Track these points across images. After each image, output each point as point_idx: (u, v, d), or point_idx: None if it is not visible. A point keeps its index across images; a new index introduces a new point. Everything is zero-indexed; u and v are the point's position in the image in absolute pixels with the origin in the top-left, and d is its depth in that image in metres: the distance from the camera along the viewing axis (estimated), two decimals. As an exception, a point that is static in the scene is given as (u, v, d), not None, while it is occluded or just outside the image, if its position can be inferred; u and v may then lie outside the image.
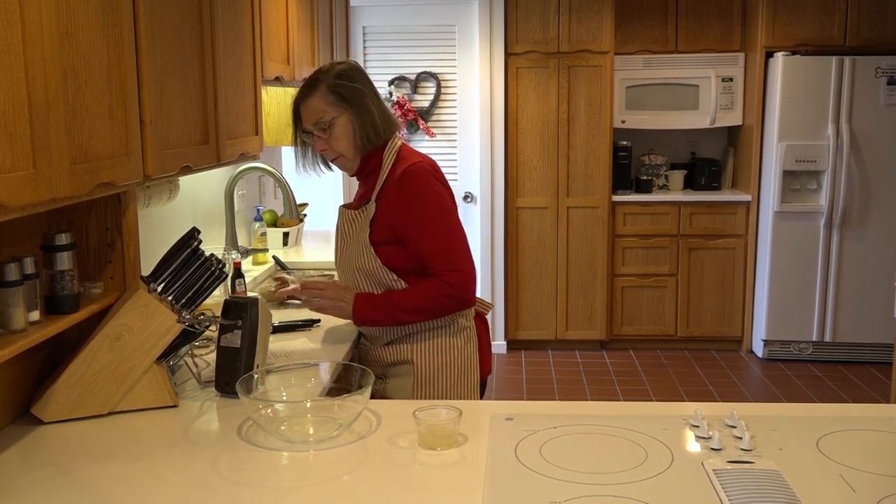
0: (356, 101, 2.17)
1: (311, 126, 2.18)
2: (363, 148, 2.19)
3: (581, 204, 5.44)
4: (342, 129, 2.16)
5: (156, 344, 1.79)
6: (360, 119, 2.17)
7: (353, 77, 2.18)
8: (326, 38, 3.66)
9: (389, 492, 1.43)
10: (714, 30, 5.40)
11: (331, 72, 2.18)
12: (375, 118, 2.18)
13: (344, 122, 2.16)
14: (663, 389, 4.87)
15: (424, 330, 2.23)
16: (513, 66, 5.35)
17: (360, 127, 2.17)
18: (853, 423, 1.70)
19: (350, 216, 2.27)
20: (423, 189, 2.15)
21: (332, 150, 2.20)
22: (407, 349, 2.24)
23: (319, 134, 2.18)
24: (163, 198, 2.51)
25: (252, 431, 1.69)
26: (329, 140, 2.18)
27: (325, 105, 2.15)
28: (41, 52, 1.30)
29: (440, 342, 2.23)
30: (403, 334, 2.23)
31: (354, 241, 2.22)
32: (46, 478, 1.49)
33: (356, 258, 2.20)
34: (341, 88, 2.15)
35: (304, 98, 2.18)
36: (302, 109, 2.20)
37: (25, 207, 1.28)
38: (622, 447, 1.59)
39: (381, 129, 2.20)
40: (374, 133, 2.18)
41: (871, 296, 5.17)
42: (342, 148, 2.19)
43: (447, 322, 2.23)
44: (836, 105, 5.01)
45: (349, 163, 2.23)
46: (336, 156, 2.22)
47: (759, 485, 1.40)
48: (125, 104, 1.60)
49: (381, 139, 2.20)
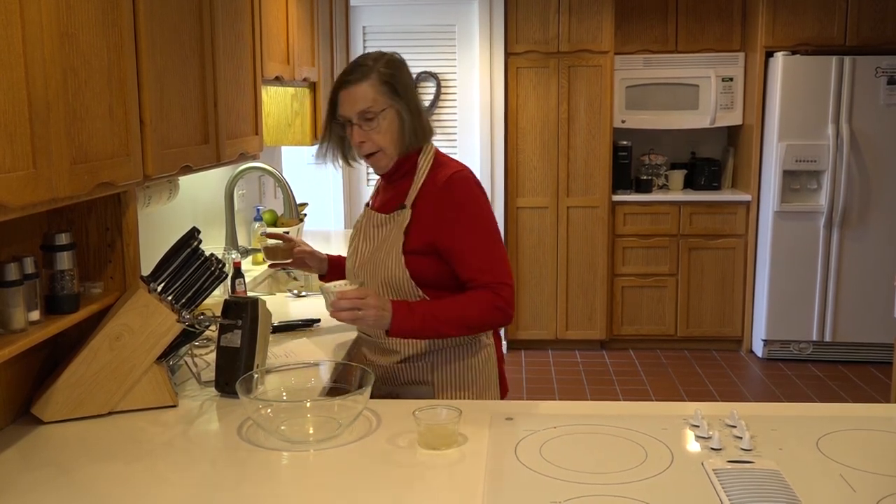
0: (408, 95, 2.03)
1: (354, 115, 2.00)
2: (405, 146, 2.04)
3: (581, 204, 5.44)
4: (389, 122, 2.01)
5: (156, 344, 1.79)
6: (410, 115, 2.02)
7: (402, 69, 2.05)
8: (326, 37, 3.66)
9: (389, 492, 1.43)
10: (714, 29, 5.40)
11: (381, 60, 2.02)
12: (423, 117, 2.07)
13: (392, 115, 2.01)
14: (663, 389, 4.87)
15: (446, 348, 2.06)
16: (513, 66, 5.35)
17: (409, 123, 2.02)
18: (853, 423, 1.70)
19: (378, 219, 2.09)
20: (471, 198, 2.01)
21: (372, 143, 2.02)
22: (426, 368, 2.07)
23: (362, 125, 2.01)
24: (163, 198, 2.51)
25: (252, 431, 1.69)
26: (371, 132, 2.01)
27: (376, 94, 1.98)
28: (41, 52, 1.29)
29: (462, 362, 2.07)
30: (422, 351, 2.06)
31: (383, 248, 2.04)
32: (46, 478, 1.49)
33: (383, 266, 2.02)
34: (394, 80, 2.01)
35: (350, 84, 2.00)
36: (344, 96, 2.01)
37: (25, 207, 1.28)
38: (622, 447, 1.59)
39: (426, 129, 2.08)
40: (420, 132, 2.05)
41: (871, 295, 5.17)
42: (384, 143, 2.02)
43: (470, 340, 2.08)
44: (836, 105, 5.01)
45: (385, 160, 2.06)
46: (375, 150, 2.04)
47: (759, 484, 1.40)
48: (125, 104, 1.60)
49: (422, 141, 2.07)
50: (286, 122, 3.44)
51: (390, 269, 2.01)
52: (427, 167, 2.05)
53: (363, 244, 2.11)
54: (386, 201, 2.11)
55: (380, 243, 2.06)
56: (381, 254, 2.04)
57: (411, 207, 2.02)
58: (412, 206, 2.02)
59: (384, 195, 2.14)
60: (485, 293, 1.95)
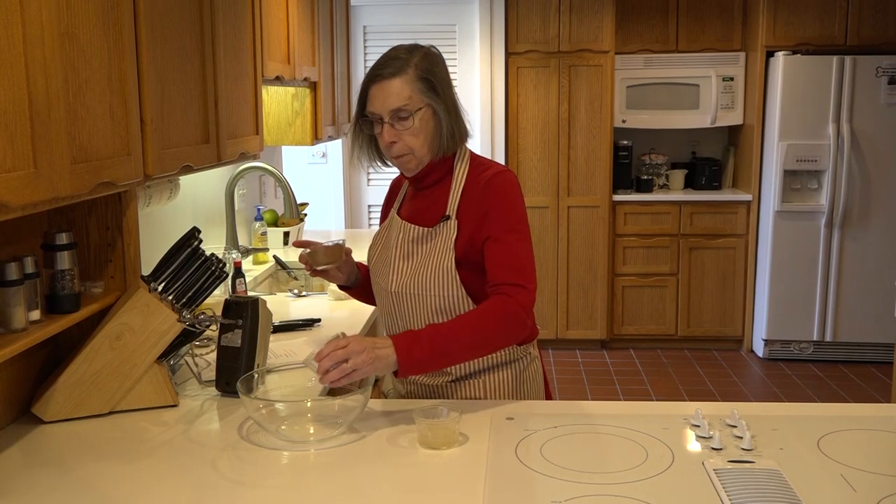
0: (446, 93, 1.87)
1: (385, 113, 1.83)
2: (440, 149, 1.88)
3: (581, 203, 5.44)
4: (424, 122, 1.84)
5: (156, 343, 1.79)
6: (448, 115, 1.87)
7: (441, 64, 1.90)
8: (327, 37, 3.66)
9: (390, 491, 1.43)
10: (715, 29, 5.40)
11: (417, 52, 1.87)
12: (461, 117, 1.91)
13: (428, 115, 1.85)
14: (664, 389, 4.87)
15: (498, 365, 1.91)
16: (513, 66, 5.35)
17: (446, 124, 1.86)
18: (854, 423, 1.70)
19: (418, 233, 1.90)
20: (507, 197, 1.85)
21: (403, 144, 1.85)
22: (478, 386, 1.91)
23: (394, 123, 1.84)
24: (163, 197, 2.51)
25: (252, 431, 1.69)
26: (403, 133, 1.84)
27: (412, 91, 1.82)
28: (42, 52, 1.29)
29: (516, 376, 1.93)
30: (477, 370, 1.91)
31: (428, 266, 1.87)
32: (47, 477, 1.49)
33: (432, 286, 1.85)
34: (432, 76, 1.85)
35: (383, 79, 1.83)
36: (376, 92, 1.84)
37: (26, 207, 1.28)
38: (623, 447, 1.58)
39: (463, 131, 1.91)
40: (458, 134, 1.89)
41: (871, 295, 5.17)
42: (417, 144, 1.85)
43: (522, 353, 1.94)
44: (836, 104, 5.01)
45: (415, 162, 1.89)
46: (405, 152, 1.87)
47: (759, 484, 1.40)
48: (126, 103, 1.60)
49: (458, 143, 1.91)
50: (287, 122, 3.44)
51: (441, 288, 1.84)
52: (465, 171, 1.90)
53: (401, 261, 1.91)
54: (422, 211, 1.93)
55: (423, 259, 1.88)
56: (427, 272, 1.86)
57: (455, 217, 1.87)
58: (456, 216, 1.87)
59: (418, 203, 1.96)
60: (495, 298, 1.78)
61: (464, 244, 1.85)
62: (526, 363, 1.96)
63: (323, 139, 3.53)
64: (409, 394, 1.98)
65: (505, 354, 1.91)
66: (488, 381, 1.91)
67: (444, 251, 1.85)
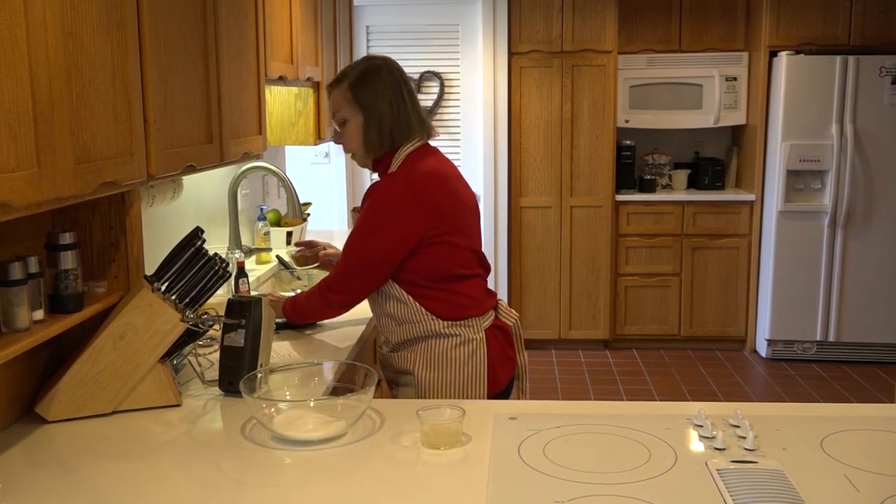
0: (369, 106, 2.17)
1: (333, 118, 2.24)
2: (371, 152, 2.21)
3: (584, 203, 5.44)
4: (352, 129, 2.19)
5: (159, 343, 1.80)
6: (368, 125, 2.17)
7: (376, 80, 2.18)
8: (330, 37, 3.66)
9: (393, 491, 1.43)
10: (718, 29, 5.39)
11: (357, 68, 2.21)
12: (385, 126, 2.18)
13: (354, 124, 2.19)
14: (667, 389, 4.86)
15: (424, 339, 2.16)
16: (516, 66, 5.35)
17: (366, 132, 2.18)
18: (857, 423, 1.69)
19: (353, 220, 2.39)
20: (375, 202, 2.15)
21: (345, 145, 2.25)
22: (409, 358, 2.19)
23: (337, 127, 2.23)
24: (166, 197, 2.51)
25: (255, 431, 1.69)
26: (343, 134, 2.23)
27: (343, 102, 2.19)
28: (45, 52, 1.30)
29: (439, 354, 2.16)
30: (403, 340, 2.19)
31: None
32: (50, 476, 1.49)
33: None
34: (358, 90, 2.17)
35: (330, 89, 2.23)
36: (330, 100, 2.26)
37: (29, 207, 1.28)
38: (625, 447, 1.58)
39: (393, 136, 2.19)
40: (379, 141, 2.18)
41: (875, 295, 5.16)
42: (353, 145, 2.23)
43: (449, 333, 2.15)
44: (839, 104, 5.01)
45: (360, 159, 2.27)
46: (349, 150, 2.26)
47: (762, 484, 1.40)
48: (129, 103, 1.60)
49: (388, 146, 2.20)
50: (290, 122, 3.44)
51: None
52: (396, 167, 2.18)
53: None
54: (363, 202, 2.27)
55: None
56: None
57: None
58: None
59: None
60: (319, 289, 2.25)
61: None
62: (458, 341, 2.15)
63: (326, 139, 3.53)
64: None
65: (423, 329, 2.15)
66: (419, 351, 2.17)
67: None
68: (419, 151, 2.20)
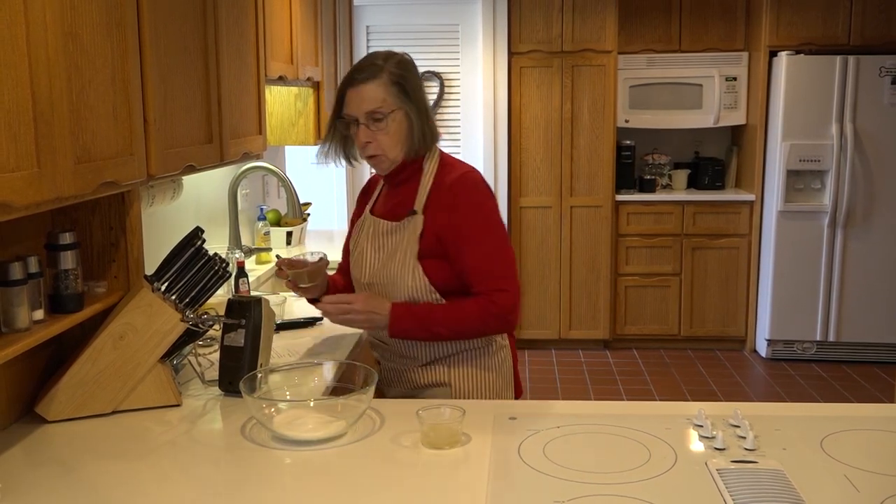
0: (417, 97, 1.99)
1: (361, 115, 1.95)
2: (411, 150, 2.00)
3: (584, 203, 5.44)
4: (397, 124, 1.96)
5: (159, 343, 1.80)
6: (419, 118, 1.98)
7: (413, 71, 2.01)
8: (330, 37, 3.66)
9: (393, 491, 1.43)
10: (718, 29, 5.39)
11: (391, 59, 1.98)
12: (431, 120, 2.02)
13: (400, 117, 1.96)
14: (667, 389, 4.86)
15: (463, 350, 2.04)
16: (516, 66, 5.35)
17: (417, 127, 1.98)
18: (857, 423, 1.69)
19: (387, 227, 2.04)
20: (476, 201, 1.98)
21: (377, 145, 1.98)
22: (444, 371, 2.04)
23: (369, 125, 1.96)
24: (166, 197, 2.51)
25: (255, 430, 1.69)
26: (378, 133, 1.96)
27: (385, 95, 1.94)
28: (45, 52, 1.30)
29: (479, 364, 2.04)
30: (442, 355, 2.04)
31: (396, 257, 2.00)
32: (50, 476, 1.49)
33: (399, 276, 1.98)
34: (404, 80, 1.96)
35: (359, 83, 1.95)
36: (352, 95, 1.96)
37: (29, 207, 1.28)
38: (625, 447, 1.58)
39: (433, 133, 2.03)
40: (428, 136, 2.01)
41: (875, 295, 5.16)
42: (389, 145, 1.98)
43: (486, 342, 2.05)
44: (839, 104, 5.01)
45: (388, 163, 2.01)
46: (378, 153, 1.99)
47: (762, 484, 1.40)
48: (129, 103, 1.60)
49: (429, 144, 2.03)
50: (290, 122, 3.44)
51: (406, 277, 1.97)
52: (433, 170, 2.02)
53: (373, 253, 2.06)
54: (392, 207, 2.06)
55: (391, 252, 2.01)
56: (394, 263, 1.99)
57: (423, 212, 1.98)
58: (423, 212, 1.98)
59: (390, 200, 2.09)
60: (480, 300, 1.93)
61: (430, 239, 1.97)
62: (492, 350, 2.06)
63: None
64: (383, 380, 2.10)
65: (468, 342, 2.03)
66: (452, 367, 2.03)
67: (409, 244, 1.98)
68: (445, 154, 2.08)
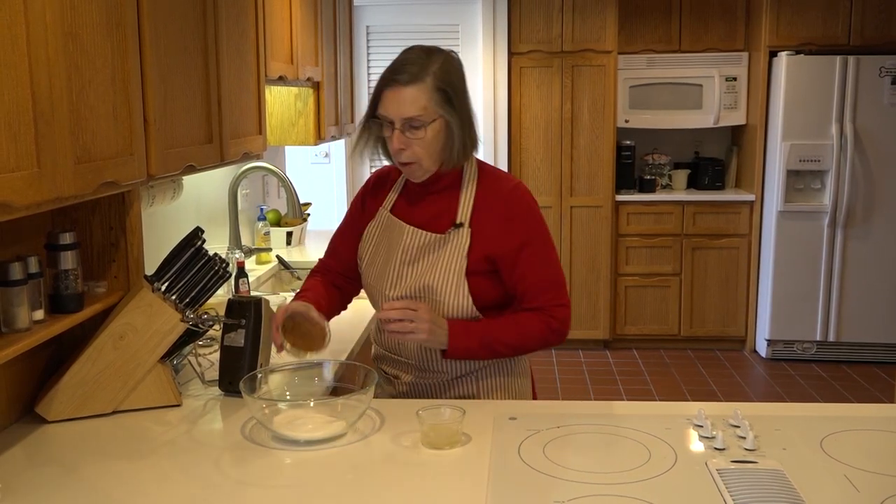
0: (462, 105, 1.82)
1: (397, 119, 1.78)
2: (449, 161, 1.84)
3: (584, 203, 5.44)
4: (435, 133, 1.79)
5: (160, 343, 1.80)
6: (461, 128, 1.81)
7: (460, 74, 1.84)
8: (330, 37, 3.66)
9: (393, 491, 1.43)
10: (718, 29, 5.40)
11: (436, 60, 1.79)
12: (474, 129, 1.86)
13: (440, 126, 1.79)
14: (667, 389, 4.86)
15: (491, 364, 1.94)
16: (516, 66, 5.35)
17: (458, 137, 1.81)
18: (857, 423, 1.69)
19: (427, 239, 1.86)
20: (536, 213, 1.87)
21: (412, 152, 1.80)
22: (472, 384, 1.94)
23: (404, 131, 1.79)
24: (166, 197, 2.51)
25: (255, 430, 1.69)
26: (413, 141, 1.79)
27: (427, 102, 1.76)
28: (45, 52, 1.30)
29: (508, 370, 1.97)
30: (475, 368, 1.93)
31: (435, 273, 1.84)
32: (50, 476, 1.49)
33: (442, 293, 1.83)
34: (449, 86, 1.79)
35: (399, 85, 1.77)
36: (390, 96, 1.78)
37: (30, 207, 1.28)
38: (625, 447, 1.58)
39: (475, 142, 1.87)
40: (469, 146, 1.85)
41: (875, 295, 5.16)
42: (425, 154, 1.81)
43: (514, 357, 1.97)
44: (839, 104, 5.01)
45: (422, 171, 1.85)
46: (413, 160, 1.82)
47: (762, 484, 1.40)
48: (129, 103, 1.60)
49: (469, 154, 1.88)
50: (290, 122, 3.44)
51: (449, 296, 1.83)
52: (475, 178, 1.89)
53: (405, 267, 1.87)
54: (429, 217, 1.89)
55: (430, 266, 1.85)
56: (434, 278, 1.84)
57: (469, 225, 1.85)
58: (469, 224, 1.85)
59: (424, 208, 1.91)
60: (541, 315, 1.84)
61: (478, 254, 1.83)
62: (518, 358, 2.00)
63: (326, 139, 3.53)
64: (401, 394, 1.99)
65: None
66: (481, 379, 1.95)
67: (455, 259, 1.83)
68: (482, 162, 1.96)
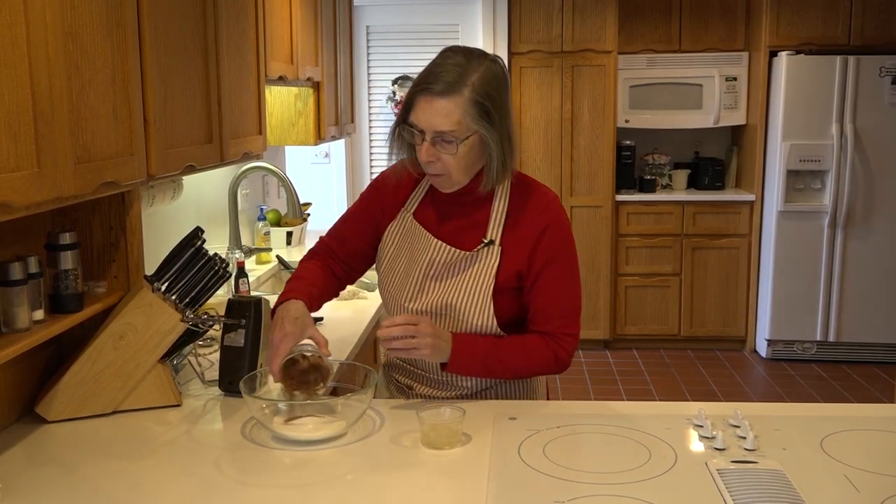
0: (502, 120, 1.68)
1: (428, 131, 1.67)
2: (489, 182, 1.74)
3: (584, 203, 5.44)
4: (468, 149, 1.68)
5: (160, 343, 1.80)
6: (500, 146, 1.69)
7: (502, 86, 1.70)
8: (330, 37, 3.66)
9: (393, 491, 1.43)
10: (718, 29, 5.40)
11: (477, 69, 1.66)
12: (514, 145, 1.73)
13: (475, 142, 1.68)
14: (667, 389, 4.86)
15: (502, 384, 1.89)
16: (516, 66, 5.35)
17: (497, 155, 1.70)
18: (857, 423, 1.69)
19: (455, 256, 1.78)
20: (568, 234, 1.80)
21: (441, 166, 1.70)
22: (497, 394, 1.90)
23: (435, 143, 1.68)
24: (166, 197, 2.51)
25: (255, 430, 1.69)
26: (443, 154, 1.68)
27: (462, 116, 1.64)
28: (45, 52, 1.30)
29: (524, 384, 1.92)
30: (484, 387, 1.88)
31: (464, 290, 1.77)
32: (51, 476, 1.49)
33: (466, 311, 1.77)
34: (489, 101, 1.66)
35: (433, 95, 1.64)
36: (423, 105, 1.66)
37: (30, 207, 1.28)
38: (625, 447, 1.58)
39: (515, 159, 1.75)
40: (508, 165, 1.73)
41: (875, 295, 5.16)
42: (455, 169, 1.71)
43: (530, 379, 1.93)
44: (839, 104, 5.01)
45: (451, 184, 1.75)
46: (441, 173, 1.72)
47: (762, 485, 1.40)
48: (129, 103, 1.60)
49: (508, 172, 1.76)
50: (290, 122, 3.44)
51: (473, 314, 1.77)
52: (507, 190, 1.79)
53: (430, 282, 1.81)
54: (457, 230, 1.81)
55: (456, 283, 1.78)
56: (460, 295, 1.77)
57: (499, 243, 1.77)
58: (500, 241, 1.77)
59: (454, 220, 1.82)
60: (549, 342, 1.79)
61: (507, 273, 1.77)
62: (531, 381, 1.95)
63: (326, 139, 3.53)
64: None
65: None
66: (502, 394, 1.90)
67: (484, 279, 1.77)
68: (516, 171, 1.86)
